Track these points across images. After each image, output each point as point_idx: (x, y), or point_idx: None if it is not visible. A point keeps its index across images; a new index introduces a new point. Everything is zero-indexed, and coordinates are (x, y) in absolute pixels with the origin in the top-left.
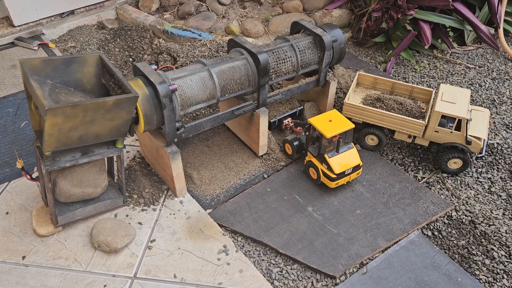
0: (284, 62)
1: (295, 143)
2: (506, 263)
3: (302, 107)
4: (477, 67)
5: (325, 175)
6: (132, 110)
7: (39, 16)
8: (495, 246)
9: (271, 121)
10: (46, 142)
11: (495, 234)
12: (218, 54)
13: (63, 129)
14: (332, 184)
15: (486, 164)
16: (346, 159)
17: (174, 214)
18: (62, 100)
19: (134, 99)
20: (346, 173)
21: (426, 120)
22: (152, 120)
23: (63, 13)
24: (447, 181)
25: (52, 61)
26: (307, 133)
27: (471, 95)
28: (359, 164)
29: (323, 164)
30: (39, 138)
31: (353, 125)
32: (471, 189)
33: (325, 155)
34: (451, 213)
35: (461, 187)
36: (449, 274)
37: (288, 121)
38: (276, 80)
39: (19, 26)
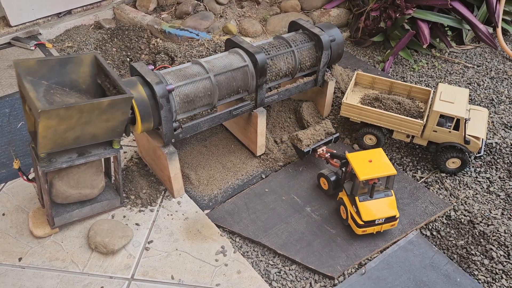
0: (282, 62)
1: (332, 178)
2: (505, 263)
3: (338, 134)
4: (475, 67)
5: (352, 218)
6: (128, 110)
7: (36, 16)
8: (494, 246)
9: (305, 150)
10: (40, 144)
11: (494, 234)
12: (215, 53)
13: (57, 130)
14: (358, 231)
15: (485, 163)
16: (379, 207)
17: (171, 215)
18: (57, 101)
19: (129, 99)
20: (376, 222)
21: (425, 120)
22: (149, 121)
23: (60, 13)
24: (445, 181)
25: (47, 62)
26: (343, 169)
27: (469, 95)
28: (395, 216)
29: (353, 206)
30: (34, 140)
31: (394, 171)
32: (469, 189)
33: (356, 197)
34: (450, 213)
35: (460, 187)
36: (447, 275)
37: (322, 151)
38: (274, 83)
39: (16, 26)
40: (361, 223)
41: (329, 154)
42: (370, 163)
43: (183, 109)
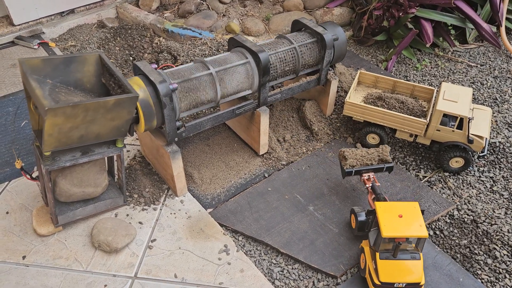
0: (285, 61)
1: (360, 218)
2: (508, 263)
3: (392, 164)
4: (479, 66)
5: (369, 274)
6: (133, 109)
7: (39, 15)
8: (497, 245)
9: (346, 170)
10: (45, 142)
11: (497, 233)
12: (218, 53)
13: (63, 129)
14: None
15: (488, 163)
16: (402, 269)
17: (174, 213)
18: (62, 100)
19: (134, 99)
20: (395, 286)
21: (428, 119)
22: (152, 120)
23: (63, 12)
24: (448, 180)
25: (51, 61)
26: (369, 217)
27: (473, 94)
28: (419, 283)
29: (373, 261)
30: (38, 138)
31: (426, 234)
32: (473, 188)
33: (377, 254)
34: (453, 212)
35: (463, 186)
36: (450, 275)
37: (368, 178)
38: (278, 82)
39: (19, 25)
40: (378, 283)
41: (371, 186)
42: (399, 218)
43: (186, 106)
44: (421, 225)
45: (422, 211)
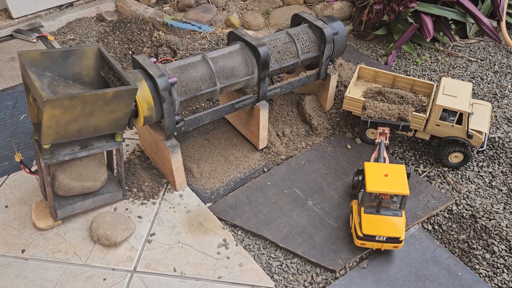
0: (285, 55)
1: (357, 177)
2: (506, 257)
3: (409, 123)
4: (479, 60)
5: (355, 229)
6: (131, 102)
7: (37, 8)
8: (495, 240)
9: (363, 119)
10: (44, 134)
11: (496, 228)
12: (218, 46)
13: (61, 121)
14: (357, 242)
15: (487, 158)
16: (383, 224)
17: (173, 207)
18: (60, 92)
19: (133, 91)
20: (376, 238)
21: (427, 114)
22: (151, 114)
23: (61, 5)
24: (447, 175)
25: (50, 54)
26: (359, 176)
27: (472, 89)
28: (399, 238)
29: (358, 216)
30: (37, 131)
31: (407, 192)
32: (472, 183)
33: (362, 208)
34: (452, 207)
35: (462, 181)
36: (449, 269)
37: (383, 132)
38: (277, 73)
39: (17, 18)
40: (361, 235)
41: (379, 143)
42: (385, 177)
43: (184, 94)
44: (404, 184)
45: (408, 174)
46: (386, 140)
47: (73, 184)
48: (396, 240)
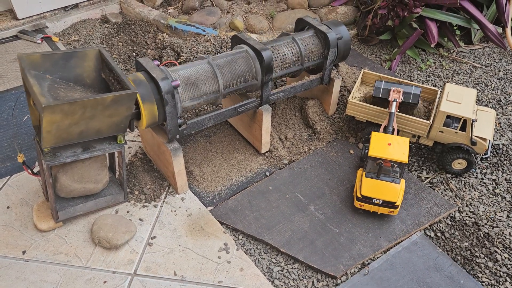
0: (288, 60)
1: (365, 146)
2: (509, 266)
3: (420, 90)
4: (483, 67)
5: (356, 191)
6: (132, 106)
7: (42, 9)
8: (498, 248)
9: (376, 87)
10: (44, 139)
11: (499, 236)
12: (222, 50)
13: (61, 125)
14: (356, 203)
15: (491, 165)
16: (381, 188)
17: (175, 211)
18: (61, 96)
19: (133, 95)
20: (374, 201)
21: (431, 120)
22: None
23: (66, 7)
24: (451, 182)
25: (51, 56)
26: (366, 144)
27: (477, 95)
28: (394, 202)
29: (360, 180)
30: (38, 134)
31: (405, 160)
32: (475, 190)
33: (364, 172)
34: (455, 214)
35: (465, 188)
36: (451, 277)
37: (397, 91)
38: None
39: (22, 19)
40: (359, 196)
41: (389, 114)
42: (388, 145)
43: (188, 95)
44: (404, 153)
45: (411, 147)
46: (397, 108)
47: (74, 186)
48: (391, 204)
